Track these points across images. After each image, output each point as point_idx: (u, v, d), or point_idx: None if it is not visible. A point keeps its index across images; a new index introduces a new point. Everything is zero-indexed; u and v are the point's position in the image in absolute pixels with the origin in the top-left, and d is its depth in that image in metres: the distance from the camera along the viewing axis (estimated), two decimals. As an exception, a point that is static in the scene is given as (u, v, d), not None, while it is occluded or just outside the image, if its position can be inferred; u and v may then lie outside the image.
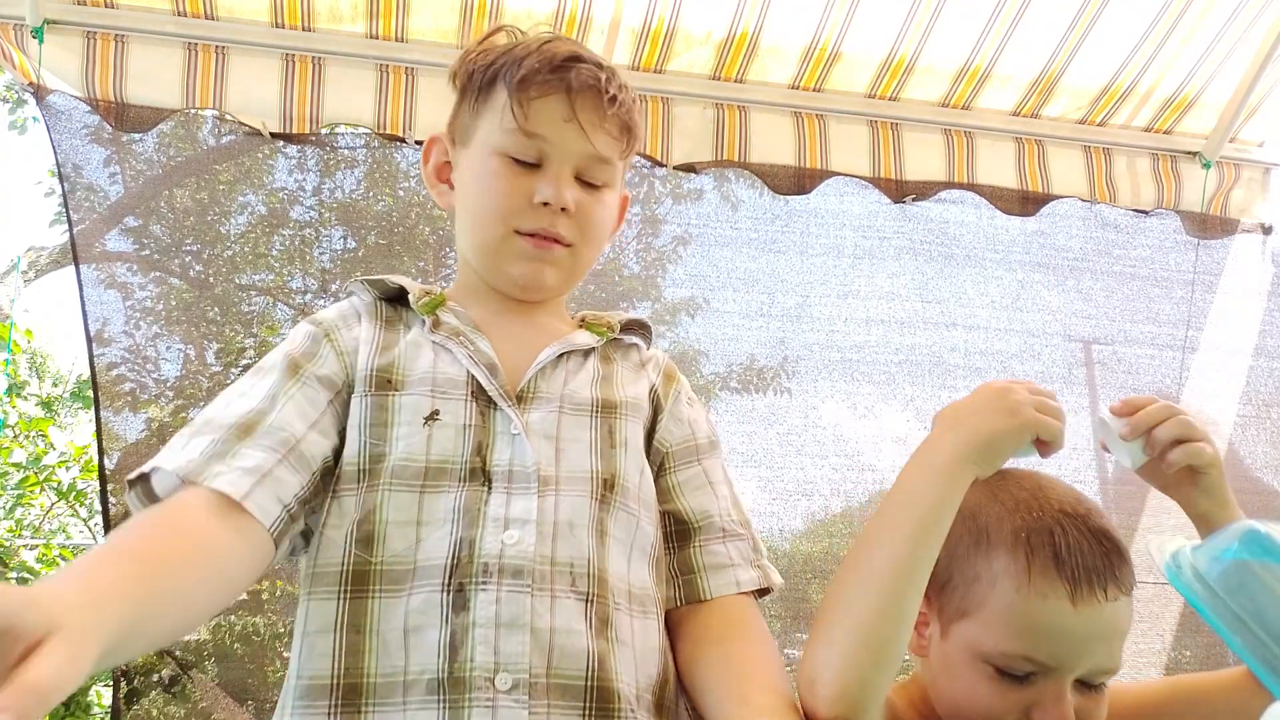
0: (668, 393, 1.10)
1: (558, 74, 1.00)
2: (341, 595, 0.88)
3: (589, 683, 0.86)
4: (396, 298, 1.08)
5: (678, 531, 1.04)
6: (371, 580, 0.88)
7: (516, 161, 1.01)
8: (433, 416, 0.94)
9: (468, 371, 0.98)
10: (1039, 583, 0.90)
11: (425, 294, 1.07)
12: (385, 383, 0.97)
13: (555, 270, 1.05)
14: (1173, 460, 0.99)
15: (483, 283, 1.09)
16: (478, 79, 1.04)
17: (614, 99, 1.02)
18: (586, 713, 0.85)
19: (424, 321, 1.03)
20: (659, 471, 1.06)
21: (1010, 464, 0.95)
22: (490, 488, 0.92)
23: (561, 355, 1.04)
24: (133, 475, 0.87)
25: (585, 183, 1.04)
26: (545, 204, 1.00)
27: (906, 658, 0.91)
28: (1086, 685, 0.93)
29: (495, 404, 0.97)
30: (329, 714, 0.84)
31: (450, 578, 0.87)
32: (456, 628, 0.84)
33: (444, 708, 0.82)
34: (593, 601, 0.90)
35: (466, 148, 1.07)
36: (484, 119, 1.03)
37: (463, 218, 1.08)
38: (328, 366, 0.97)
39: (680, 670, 0.97)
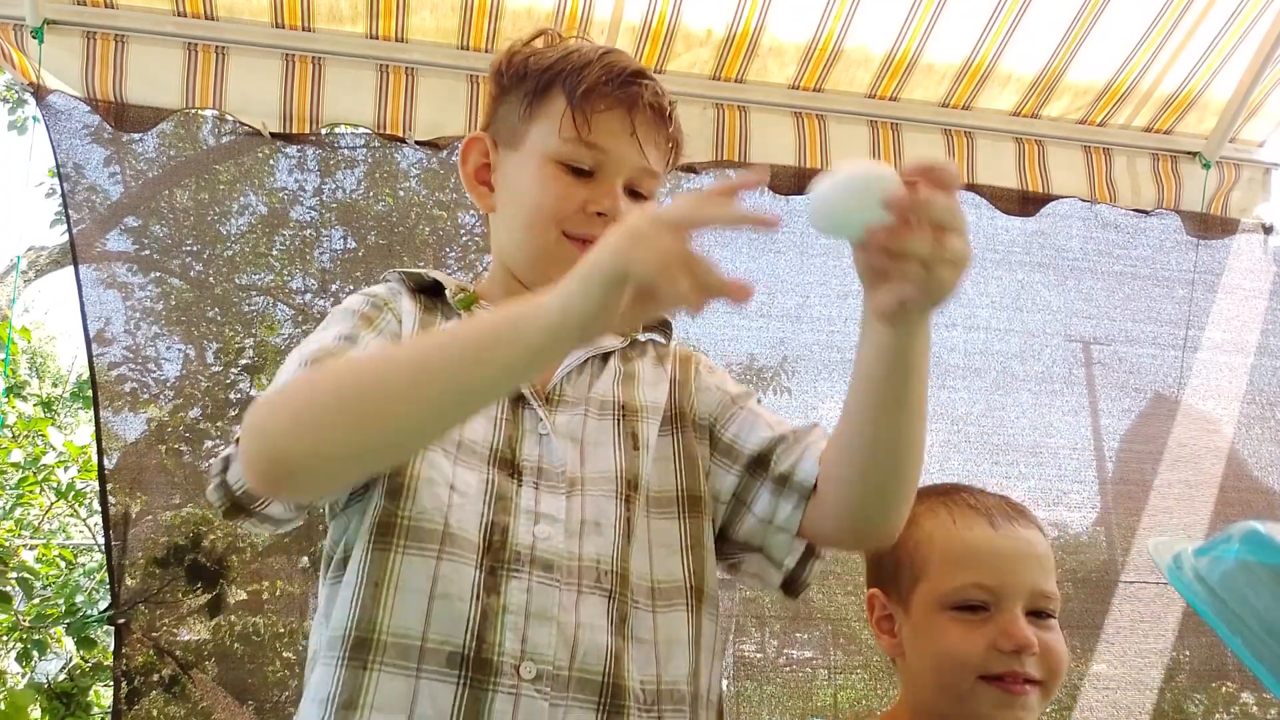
0: (688, 373, 1.11)
1: (623, 89, 1.02)
2: (365, 547, 0.88)
3: (606, 679, 0.87)
4: (430, 290, 1.09)
5: (761, 464, 1.02)
6: (397, 534, 0.88)
7: (570, 169, 1.02)
8: None
9: None
10: (961, 521, 1.08)
11: (460, 290, 1.08)
12: None
13: None
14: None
15: (510, 284, 1.10)
16: (532, 82, 1.04)
17: (670, 117, 1.06)
18: (601, 708, 0.87)
19: (460, 316, 1.05)
20: (713, 441, 1.06)
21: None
22: (520, 481, 0.94)
23: (588, 359, 1.06)
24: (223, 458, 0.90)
25: (633, 193, 1.05)
26: (600, 214, 1.01)
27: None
28: (1037, 616, 1.04)
29: (525, 401, 0.99)
30: (336, 665, 0.85)
31: (483, 557, 0.88)
32: (487, 608, 0.86)
33: (464, 685, 0.84)
34: (615, 598, 0.91)
35: (516, 151, 1.06)
36: (537, 124, 1.04)
37: (508, 221, 1.07)
38: (390, 330, 1.01)
39: (840, 470, 0.93)
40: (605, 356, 1.08)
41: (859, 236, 0.73)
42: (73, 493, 3.89)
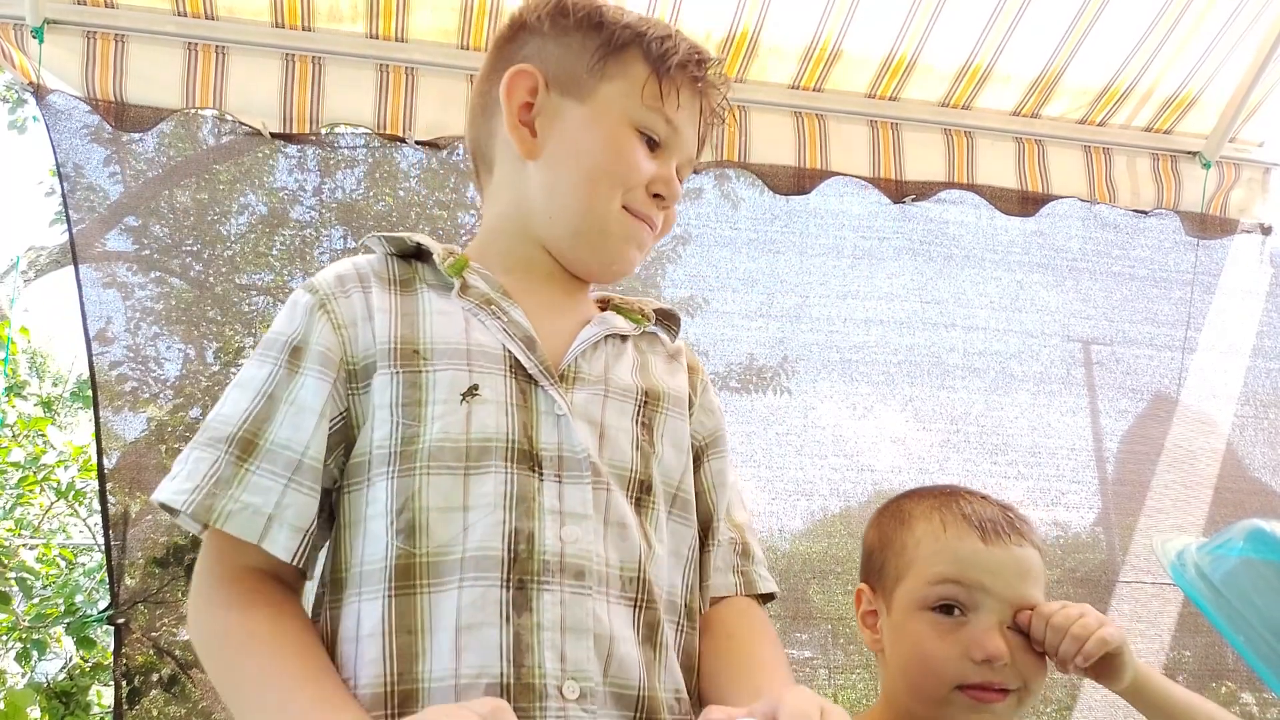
0: (696, 384, 1.07)
1: (703, 74, 1.01)
2: (387, 594, 0.81)
3: (641, 692, 0.83)
4: (414, 255, 1.01)
5: (705, 529, 1.01)
6: (418, 574, 0.82)
7: (645, 139, 0.99)
8: (471, 391, 0.87)
9: (503, 344, 0.92)
10: (953, 530, 1.08)
11: (449, 254, 0.99)
12: (412, 354, 0.90)
13: (642, 257, 1.05)
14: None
15: (524, 248, 1.02)
16: (608, 33, 0.99)
17: (722, 115, 1.06)
18: None
19: (452, 285, 0.96)
20: (695, 464, 1.03)
21: None
22: (541, 475, 0.86)
23: (604, 338, 1.00)
24: (156, 499, 0.86)
25: None
26: (658, 195, 1.00)
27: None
28: (1018, 626, 1.05)
29: (536, 382, 0.90)
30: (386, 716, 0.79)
31: (509, 572, 0.81)
32: (520, 629, 0.80)
33: None
34: (640, 607, 0.87)
35: (580, 103, 0.98)
36: (612, 81, 0.98)
37: (556, 176, 0.99)
38: (324, 342, 0.91)
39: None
40: (624, 339, 1.02)
41: None
42: (73, 492, 3.90)
